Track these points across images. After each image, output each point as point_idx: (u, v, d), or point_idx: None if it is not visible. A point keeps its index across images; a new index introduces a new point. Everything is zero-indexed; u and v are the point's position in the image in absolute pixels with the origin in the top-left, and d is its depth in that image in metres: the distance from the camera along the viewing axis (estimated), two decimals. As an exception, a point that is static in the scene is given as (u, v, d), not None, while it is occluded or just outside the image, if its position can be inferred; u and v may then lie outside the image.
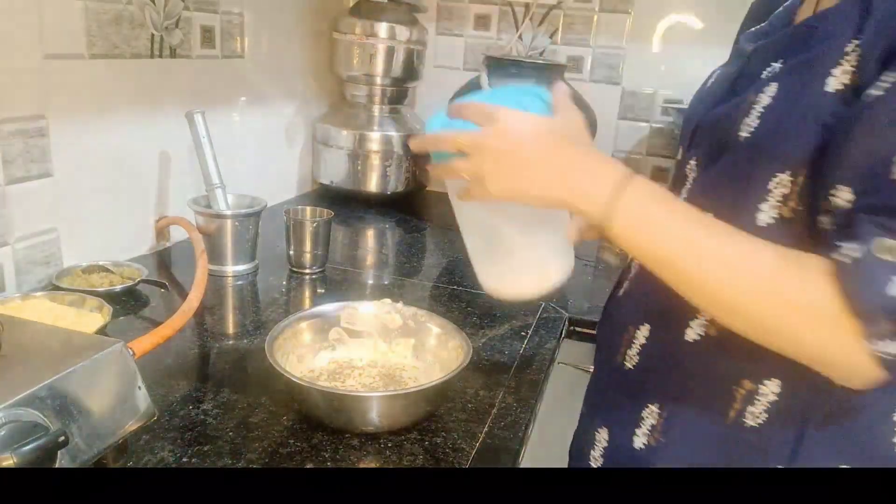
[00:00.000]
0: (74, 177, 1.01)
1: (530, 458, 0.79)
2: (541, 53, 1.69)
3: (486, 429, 0.75)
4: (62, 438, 0.52)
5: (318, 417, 0.72)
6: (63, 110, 0.97)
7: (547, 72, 1.51)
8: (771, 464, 0.60)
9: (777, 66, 0.61)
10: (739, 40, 0.73)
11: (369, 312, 0.86)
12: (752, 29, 0.73)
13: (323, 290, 1.12)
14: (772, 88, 0.58)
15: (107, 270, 1.02)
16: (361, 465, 0.67)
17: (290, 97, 1.57)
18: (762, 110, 0.58)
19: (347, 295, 1.10)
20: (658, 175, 1.68)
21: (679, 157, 0.73)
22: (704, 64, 1.59)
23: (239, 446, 0.68)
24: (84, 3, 0.98)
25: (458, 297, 1.11)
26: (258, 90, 1.43)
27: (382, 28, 1.53)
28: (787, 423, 0.59)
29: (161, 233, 1.21)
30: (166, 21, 1.14)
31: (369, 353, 0.85)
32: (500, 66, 1.51)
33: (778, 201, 0.57)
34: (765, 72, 0.61)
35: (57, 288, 0.94)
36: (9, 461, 0.48)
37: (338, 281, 1.16)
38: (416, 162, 1.63)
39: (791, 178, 0.56)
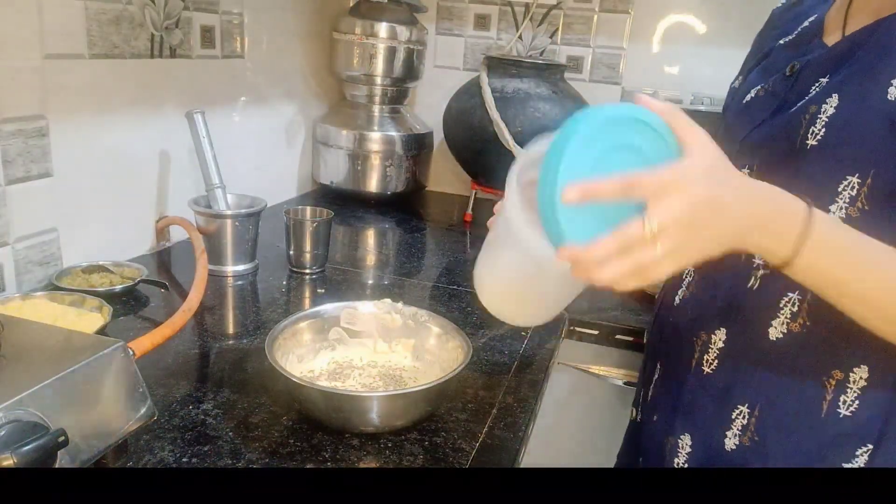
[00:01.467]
0: (74, 177, 1.01)
1: (530, 458, 0.79)
2: (541, 53, 1.69)
3: (486, 429, 0.75)
4: (62, 438, 0.52)
5: (318, 417, 0.72)
6: (63, 110, 0.97)
7: (547, 72, 1.51)
8: (863, 445, 0.63)
9: (824, 80, 0.64)
10: (773, 53, 0.75)
11: (369, 312, 0.86)
12: (782, 42, 0.75)
13: (323, 290, 1.12)
14: (834, 99, 0.61)
15: (107, 270, 1.02)
16: (361, 465, 0.67)
17: (290, 97, 1.57)
18: (827, 119, 0.61)
19: (347, 295, 1.10)
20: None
21: None
22: (704, 64, 1.61)
23: (239, 446, 0.68)
24: (84, 3, 0.98)
25: (458, 297, 1.11)
26: (258, 90, 1.43)
27: (382, 28, 1.53)
28: (877, 404, 0.62)
29: (161, 233, 1.21)
30: (166, 21, 1.14)
31: (369, 353, 0.85)
32: (500, 66, 1.51)
33: (846, 202, 0.60)
34: (813, 87, 0.65)
35: (57, 288, 0.94)
36: (9, 461, 0.48)
37: (338, 281, 1.16)
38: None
39: (859, 180, 0.60)
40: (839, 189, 0.60)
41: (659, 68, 1.62)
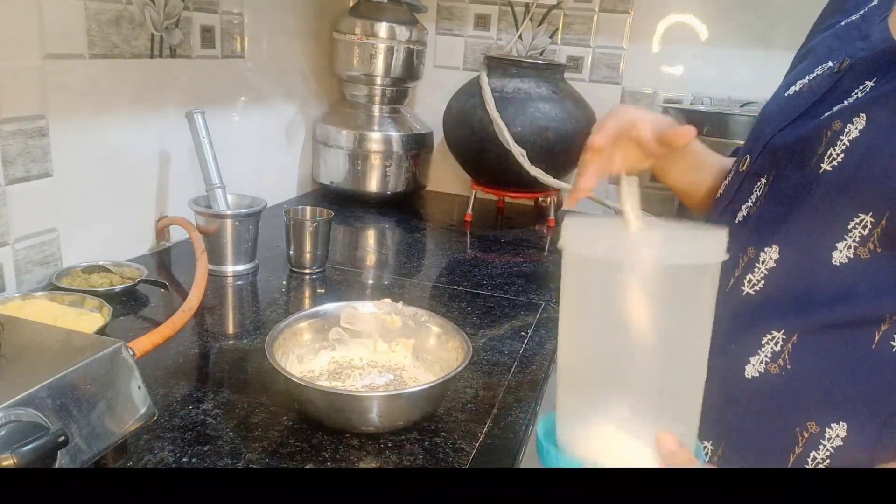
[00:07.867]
0: (74, 177, 1.01)
1: (530, 458, 0.79)
2: (541, 53, 1.69)
3: (486, 429, 0.75)
4: (62, 438, 0.52)
5: (318, 417, 0.72)
6: (63, 110, 0.97)
7: (547, 72, 1.51)
8: None
9: (870, 84, 0.57)
10: (832, 34, 0.67)
11: (369, 312, 0.86)
12: (843, 23, 0.66)
13: (323, 290, 1.12)
14: (861, 120, 0.55)
15: (107, 270, 1.02)
16: (361, 465, 0.67)
17: (290, 97, 1.57)
18: (848, 143, 0.55)
19: (347, 295, 1.10)
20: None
21: (743, 166, 0.68)
22: (705, 64, 1.61)
23: (239, 446, 0.68)
24: (84, 3, 0.98)
25: (458, 297, 1.11)
26: (258, 90, 1.43)
27: (382, 28, 1.53)
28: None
29: (161, 233, 1.21)
30: (166, 21, 1.14)
31: (369, 353, 0.85)
32: (500, 66, 1.51)
33: (855, 242, 0.54)
34: (857, 90, 0.58)
35: (57, 288, 0.94)
36: (9, 461, 0.48)
37: (338, 281, 1.16)
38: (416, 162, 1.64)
39: (873, 220, 0.53)
40: (849, 227, 0.54)
41: (659, 68, 1.62)
